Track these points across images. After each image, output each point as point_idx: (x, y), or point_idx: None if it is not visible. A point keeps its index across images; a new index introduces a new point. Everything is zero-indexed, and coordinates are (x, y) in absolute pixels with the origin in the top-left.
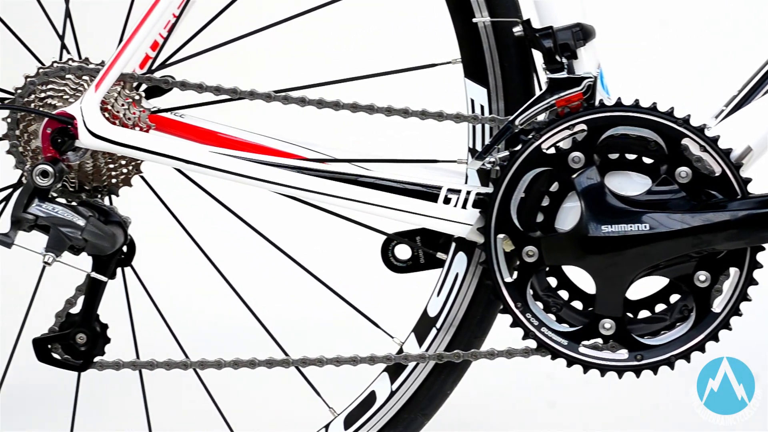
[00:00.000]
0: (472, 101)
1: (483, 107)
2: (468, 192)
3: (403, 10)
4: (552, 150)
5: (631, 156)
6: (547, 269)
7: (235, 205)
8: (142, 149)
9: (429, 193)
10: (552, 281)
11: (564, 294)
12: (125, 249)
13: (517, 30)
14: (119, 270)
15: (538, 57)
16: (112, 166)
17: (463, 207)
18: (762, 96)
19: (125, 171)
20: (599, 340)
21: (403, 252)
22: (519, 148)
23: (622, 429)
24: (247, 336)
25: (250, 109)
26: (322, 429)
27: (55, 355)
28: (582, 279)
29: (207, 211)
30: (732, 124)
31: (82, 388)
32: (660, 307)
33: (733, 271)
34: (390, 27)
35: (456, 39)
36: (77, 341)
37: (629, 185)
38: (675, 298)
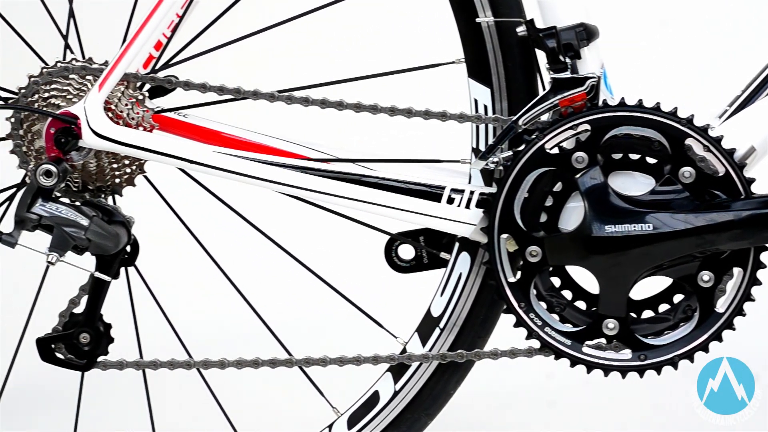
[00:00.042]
0: (475, 101)
1: (486, 107)
2: (471, 192)
3: (407, 10)
4: (555, 150)
5: (635, 156)
6: (551, 269)
7: (239, 205)
8: (145, 149)
9: (432, 193)
10: (555, 281)
11: (567, 294)
12: (129, 249)
13: (521, 30)
14: (123, 270)
15: (541, 57)
16: (115, 165)
17: (467, 207)
18: (766, 96)
19: (129, 171)
20: (603, 340)
21: (407, 252)
22: (522, 148)
23: (622, 429)
24: (251, 336)
25: (253, 109)
26: (325, 429)
27: (59, 355)
28: (585, 279)
29: (210, 211)
30: (735, 124)
31: (85, 387)
32: (663, 307)
33: (737, 271)
34: (393, 27)
35: (459, 39)
36: (81, 341)
37: (633, 185)
38: (678, 298)
